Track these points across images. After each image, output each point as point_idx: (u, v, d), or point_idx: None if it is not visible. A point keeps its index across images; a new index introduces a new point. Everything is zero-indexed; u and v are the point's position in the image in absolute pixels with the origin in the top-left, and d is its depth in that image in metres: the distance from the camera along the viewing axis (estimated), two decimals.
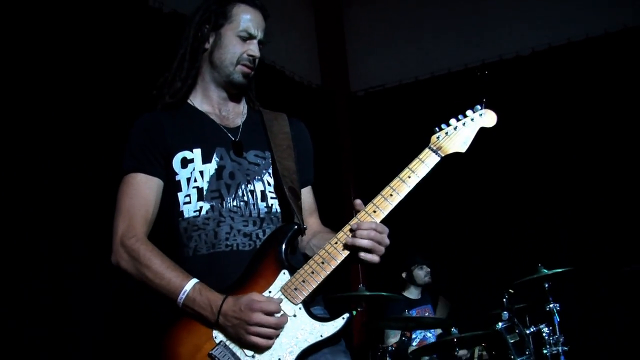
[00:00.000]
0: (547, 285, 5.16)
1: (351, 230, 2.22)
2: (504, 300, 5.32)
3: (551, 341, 5.05)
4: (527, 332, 5.13)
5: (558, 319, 5.07)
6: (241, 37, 2.48)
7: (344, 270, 2.28)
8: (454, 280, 7.33)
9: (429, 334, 6.45)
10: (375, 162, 7.72)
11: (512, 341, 5.06)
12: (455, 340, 5.21)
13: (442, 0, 8.14)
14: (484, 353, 5.65)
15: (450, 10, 8.05)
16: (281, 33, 7.71)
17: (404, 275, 6.72)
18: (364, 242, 2.18)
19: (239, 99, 2.63)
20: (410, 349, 5.98)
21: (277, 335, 2.15)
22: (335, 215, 2.86)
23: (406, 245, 7.41)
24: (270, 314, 2.13)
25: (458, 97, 7.20)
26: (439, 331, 6.43)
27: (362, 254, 2.20)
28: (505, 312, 5.16)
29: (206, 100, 2.56)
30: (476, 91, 6.96)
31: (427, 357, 6.00)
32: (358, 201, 2.28)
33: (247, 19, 2.50)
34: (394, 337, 6.21)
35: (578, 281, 6.12)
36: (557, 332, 5.04)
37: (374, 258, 2.22)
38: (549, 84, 7.18)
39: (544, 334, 5.10)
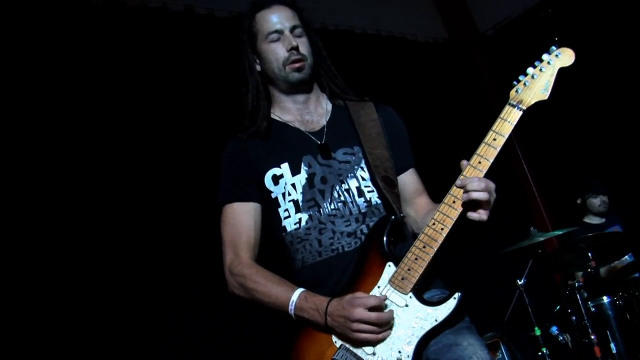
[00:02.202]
0: None
1: (443, 210, 2.20)
2: None
3: None
4: None
5: None
6: (272, 40, 2.52)
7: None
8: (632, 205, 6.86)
9: (626, 257, 6.12)
10: None
11: None
12: None
13: None
14: None
15: None
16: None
17: (579, 201, 6.46)
18: (479, 195, 2.12)
19: (317, 98, 2.65)
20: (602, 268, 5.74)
21: (384, 330, 2.16)
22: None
23: (583, 170, 7.16)
24: (372, 308, 2.15)
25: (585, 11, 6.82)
26: None
27: (469, 213, 2.16)
28: None
29: (285, 111, 2.61)
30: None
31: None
32: (464, 162, 2.22)
33: (267, 22, 2.53)
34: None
35: None
36: None
37: (482, 217, 2.15)
38: None
39: None
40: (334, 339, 2.25)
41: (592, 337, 4.89)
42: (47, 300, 4.07)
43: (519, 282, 5.06)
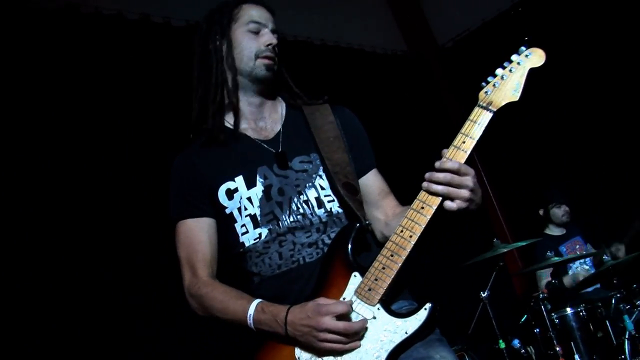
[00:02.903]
0: None
1: (411, 216, 2.07)
2: None
3: None
4: None
5: None
6: (252, 31, 2.40)
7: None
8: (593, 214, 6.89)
9: (585, 266, 6.13)
10: None
11: None
12: (610, 268, 4.94)
13: None
14: None
15: None
16: (350, 11, 7.57)
17: (541, 212, 6.44)
18: (439, 188, 2.00)
19: (272, 104, 2.51)
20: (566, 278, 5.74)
21: (353, 340, 2.03)
22: None
23: (544, 180, 7.15)
24: (341, 317, 2.02)
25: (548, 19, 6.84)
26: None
27: (446, 203, 2.01)
28: None
29: (237, 115, 2.43)
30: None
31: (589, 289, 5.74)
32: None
33: (253, 13, 2.42)
34: (546, 279, 5.97)
35: None
36: None
37: (452, 205, 2.00)
38: None
39: None
40: (297, 354, 2.11)
41: (557, 348, 4.86)
42: (37, 301, 4.01)
43: (483, 295, 5.02)
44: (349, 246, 2.17)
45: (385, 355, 2.02)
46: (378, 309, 2.07)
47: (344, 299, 2.11)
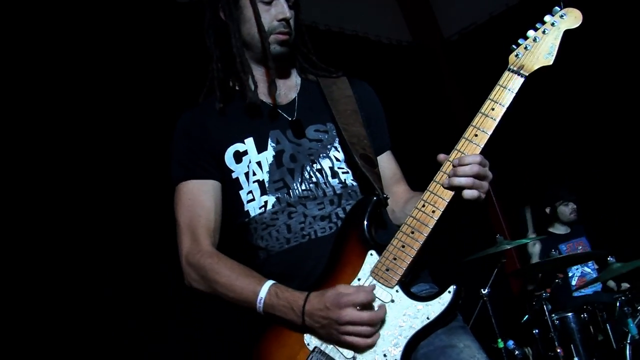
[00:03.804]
0: None
1: (434, 190, 1.90)
2: None
3: None
4: None
5: None
6: (263, 1, 2.16)
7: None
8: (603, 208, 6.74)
9: (587, 269, 5.99)
10: None
11: None
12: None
13: None
14: None
15: None
16: None
17: (547, 210, 6.28)
18: (463, 180, 1.85)
19: (287, 73, 2.31)
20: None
21: (376, 330, 1.85)
22: None
23: (551, 177, 7.02)
24: (363, 306, 1.84)
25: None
26: None
27: (465, 192, 1.86)
28: None
29: (249, 82, 2.22)
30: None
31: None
32: (442, 156, 1.94)
33: None
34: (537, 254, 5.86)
35: None
36: None
37: (474, 194, 1.86)
38: None
39: None
40: (307, 340, 1.92)
41: (558, 350, 4.73)
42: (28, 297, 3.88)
43: (483, 292, 4.89)
44: (365, 221, 1.99)
45: (405, 342, 1.84)
46: (397, 291, 1.89)
47: (359, 279, 1.93)
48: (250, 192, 2.14)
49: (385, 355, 1.83)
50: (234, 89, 2.27)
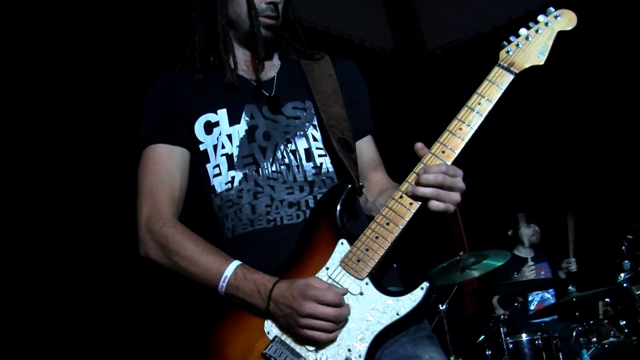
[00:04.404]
0: None
1: (413, 182, 1.79)
2: (623, 248, 4.78)
3: None
4: None
5: None
6: None
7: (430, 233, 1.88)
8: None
9: (547, 295, 5.98)
10: None
11: (639, 292, 4.53)
12: (574, 300, 4.76)
13: None
14: (609, 309, 5.16)
15: None
16: (345, 0, 7.42)
17: (510, 233, 6.25)
18: (427, 191, 1.74)
19: (269, 55, 2.18)
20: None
21: (338, 328, 1.72)
22: None
23: (513, 199, 6.99)
24: (328, 304, 1.71)
25: None
26: None
27: (431, 203, 1.75)
28: (626, 262, 4.63)
29: (230, 59, 2.11)
30: None
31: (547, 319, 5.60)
32: (419, 144, 1.84)
33: None
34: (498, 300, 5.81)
35: None
36: None
37: (440, 206, 1.74)
38: None
39: None
40: (267, 328, 1.80)
41: None
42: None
43: (441, 307, 4.84)
44: (338, 209, 1.86)
45: (372, 337, 1.72)
46: (367, 284, 1.77)
47: (327, 268, 1.80)
48: (218, 165, 2.02)
49: (349, 350, 1.72)
50: (214, 63, 2.15)
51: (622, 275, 4.57)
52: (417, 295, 1.74)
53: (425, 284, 1.75)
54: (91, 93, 4.45)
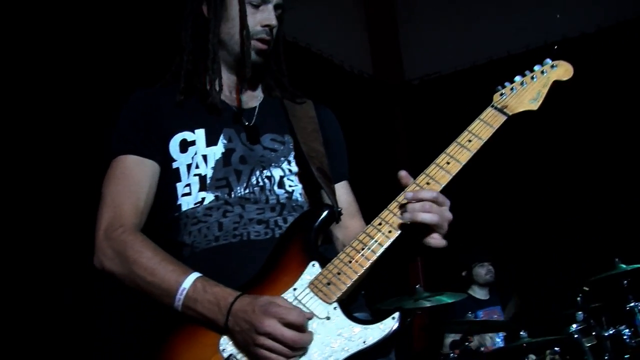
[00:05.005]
0: (625, 282, 4.64)
1: (401, 207, 1.75)
2: (578, 299, 4.78)
3: (632, 344, 4.48)
4: (605, 334, 4.56)
5: None
6: (251, 3, 2.02)
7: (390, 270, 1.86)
8: (521, 277, 6.75)
9: (497, 339, 5.95)
10: (433, 154, 7.17)
11: (589, 345, 4.54)
12: (524, 345, 4.75)
13: None
14: (557, 357, 5.17)
15: None
16: (328, 19, 7.44)
17: (464, 273, 6.23)
18: (427, 217, 1.70)
19: (253, 84, 2.17)
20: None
21: (297, 354, 1.64)
22: None
23: (467, 239, 6.99)
24: (291, 323, 1.64)
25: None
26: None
27: (428, 239, 1.74)
28: (579, 313, 4.64)
29: (215, 83, 2.09)
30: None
31: None
32: (403, 173, 1.81)
33: None
34: (452, 338, 5.76)
35: None
36: None
37: (440, 242, 1.74)
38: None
39: (624, 337, 4.53)
40: (222, 345, 1.70)
41: None
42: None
43: None
44: (314, 230, 1.82)
45: None
46: (335, 308, 1.70)
47: (295, 289, 1.74)
48: (188, 185, 1.96)
49: None
50: (196, 87, 2.11)
51: (574, 326, 4.57)
52: (387, 325, 1.68)
53: (397, 314, 1.69)
54: (93, 93, 4.42)
